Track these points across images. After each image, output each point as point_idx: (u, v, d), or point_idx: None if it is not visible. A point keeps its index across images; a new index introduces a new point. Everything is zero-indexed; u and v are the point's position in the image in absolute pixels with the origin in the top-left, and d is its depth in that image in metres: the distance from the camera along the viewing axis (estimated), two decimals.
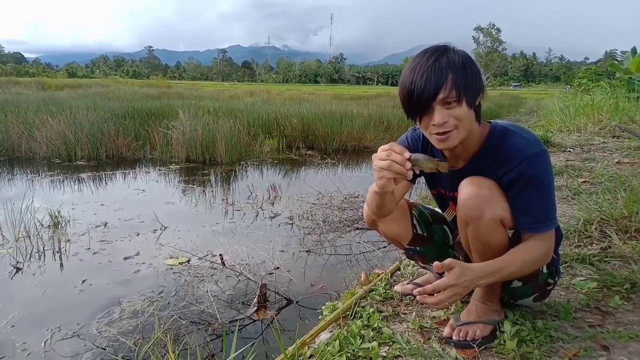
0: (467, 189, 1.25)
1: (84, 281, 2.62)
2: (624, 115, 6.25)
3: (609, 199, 2.51)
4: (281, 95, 18.24)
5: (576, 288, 1.73)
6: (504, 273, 1.23)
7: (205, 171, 6.09)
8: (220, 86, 40.77)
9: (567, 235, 2.21)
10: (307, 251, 3.12)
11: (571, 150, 4.72)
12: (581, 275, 1.84)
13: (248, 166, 6.52)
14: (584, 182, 3.23)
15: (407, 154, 1.17)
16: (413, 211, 1.61)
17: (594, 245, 2.09)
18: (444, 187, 1.47)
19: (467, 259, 1.42)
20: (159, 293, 2.47)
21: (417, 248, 1.61)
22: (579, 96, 9.00)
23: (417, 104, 1.18)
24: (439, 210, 1.62)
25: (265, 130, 8.39)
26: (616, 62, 9.28)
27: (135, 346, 1.87)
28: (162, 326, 1.99)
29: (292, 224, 3.74)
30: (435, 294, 1.18)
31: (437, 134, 1.20)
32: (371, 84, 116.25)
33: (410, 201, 1.64)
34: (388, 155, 1.18)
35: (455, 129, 1.18)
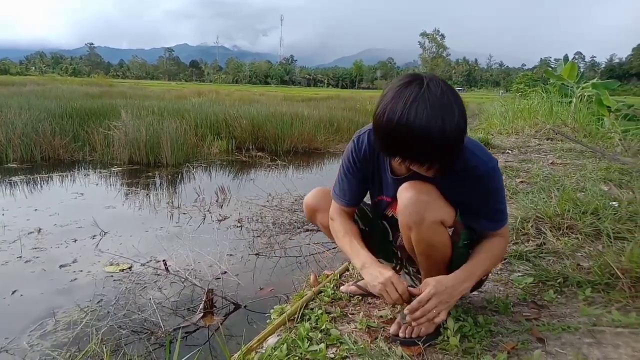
0: (407, 194, 1.26)
1: (14, 292, 2.44)
2: (557, 119, 6.65)
3: (543, 198, 2.65)
4: (231, 96, 17.95)
5: (514, 283, 1.80)
6: (480, 272, 1.34)
7: (150, 173, 5.86)
8: (167, 86, 39.53)
9: None
10: (256, 254, 3.07)
11: (510, 151, 4.96)
12: (519, 271, 1.92)
13: (195, 168, 6.35)
14: (522, 182, 3.39)
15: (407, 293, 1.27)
16: None
17: (531, 242, 2.19)
18: (388, 195, 1.45)
19: (410, 260, 1.45)
20: (97, 302, 2.34)
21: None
22: (517, 100, 9.51)
23: (420, 150, 1.08)
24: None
25: (213, 131, 8.21)
26: (550, 69, 9.86)
27: None
28: (99, 337, 1.88)
29: (241, 226, 3.68)
30: (419, 309, 1.24)
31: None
32: (322, 86, 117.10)
33: None
34: (396, 299, 1.28)
35: None
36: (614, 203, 2.42)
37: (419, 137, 1.04)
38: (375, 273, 1.31)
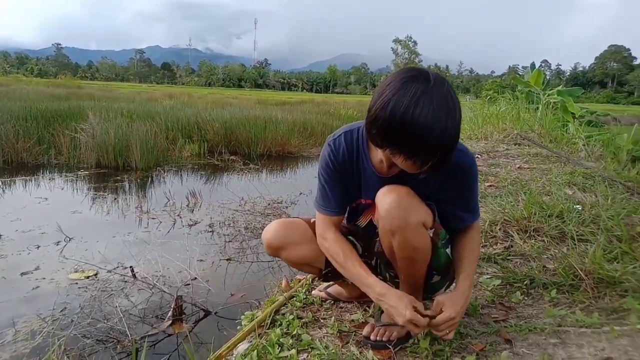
0: (388, 199, 1.24)
1: None
2: (524, 125, 6.83)
3: (511, 202, 2.71)
4: (203, 99, 17.75)
5: (483, 285, 1.83)
6: (473, 271, 1.39)
7: (118, 177, 5.71)
8: (138, 88, 38.72)
9: None
10: (227, 259, 3.03)
11: (479, 156, 5.07)
12: (487, 273, 1.95)
13: (166, 172, 6.23)
14: (490, 186, 3.46)
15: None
16: None
17: (499, 244, 2.24)
18: (368, 197, 1.41)
19: (388, 265, 1.44)
20: (60, 310, 2.26)
21: (333, 268, 1.53)
22: (486, 106, 9.74)
23: (419, 147, 1.06)
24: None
25: (185, 135, 8.08)
26: (518, 76, 10.15)
27: None
28: (61, 346, 1.81)
29: (212, 231, 3.62)
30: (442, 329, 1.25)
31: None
32: (296, 90, 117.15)
33: (312, 221, 1.56)
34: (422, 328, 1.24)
35: None
36: (577, 206, 2.50)
37: (422, 133, 1.02)
38: (399, 305, 1.24)
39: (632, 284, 1.53)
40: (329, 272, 1.59)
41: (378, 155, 1.27)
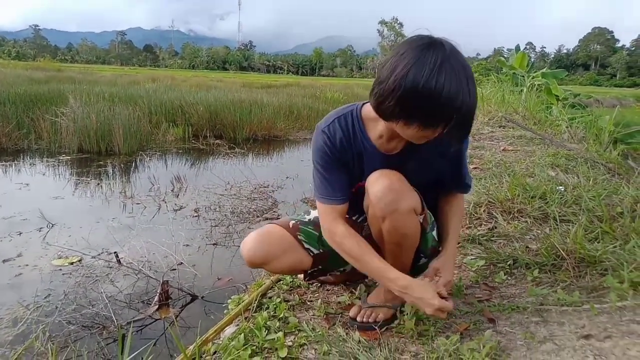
0: (379, 185, 1.24)
1: None
2: (509, 107, 6.88)
3: (495, 184, 2.74)
4: (187, 82, 17.43)
5: (467, 266, 1.86)
6: (459, 233, 1.52)
7: (101, 162, 5.61)
8: (120, 70, 37.84)
9: None
10: (213, 244, 3.01)
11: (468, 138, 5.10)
12: (471, 254, 1.98)
13: (150, 156, 6.15)
14: (475, 168, 3.49)
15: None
16: (299, 236, 1.50)
17: (483, 226, 2.27)
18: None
19: (376, 249, 1.45)
20: (44, 297, 2.23)
21: (319, 267, 1.57)
22: None
23: (441, 114, 1.05)
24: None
25: (168, 118, 7.93)
26: (502, 59, 10.17)
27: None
28: (46, 332, 1.79)
29: (198, 216, 3.59)
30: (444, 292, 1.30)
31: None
32: (281, 73, 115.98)
33: (290, 225, 1.52)
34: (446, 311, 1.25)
35: None
36: (560, 188, 2.54)
37: (445, 100, 1.01)
38: (426, 296, 1.24)
39: (611, 262, 1.56)
40: (314, 271, 1.59)
41: (377, 131, 1.27)
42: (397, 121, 1.10)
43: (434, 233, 1.45)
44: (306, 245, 1.51)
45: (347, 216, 1.49)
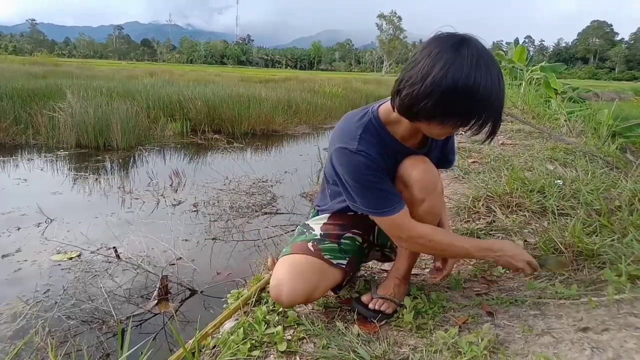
0: (419, 169, 1.31)
1: None
2: (507, 101, 6.87)
3: (494, 177, 2.74)
4: (185, 77, 17.37)
5: (466, 260, 1.86)
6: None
7: (99, 157, 5.60)
8: (117, 65, 37.65)
9: (457, 212, 2.38)
10: (212, 239, 3.01)
11: (462, 133, 5.10)
12: None
13: (148, 151, 6.13)
14: (474, 162, 3.50)
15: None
16: (325, 256, 1.43)
17: (481, 219, 2.27)
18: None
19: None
20: (44, 292, 2.23)
21: (351, 274, 1.54)
22: None
23: (478, 111, 1.07)
24: (326, 221, 1.52)
25: (167, 113, 7.90)
26: (501, 52, 10.15)
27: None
28: (46, 327, 1.80)
29: (197, 211, 3.59)
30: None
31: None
32: (280, 67, 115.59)
33: (312, 248, 1.43)
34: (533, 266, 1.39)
35: None
36: (558, 181, 2.54)
37: (482, 98, 1.04)
38: (519, 252, 1.38)
39: (609, 256, 1.57)
40: (345, 282, 1.55)
41: (400, 131, 1.30)
42: (429, 121, 1.12)
43: None
44: (335, 262, 1.44)
45: (350, 213, 1.47)
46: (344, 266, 1.45)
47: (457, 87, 1.01)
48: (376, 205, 1.28)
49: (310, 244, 1.45)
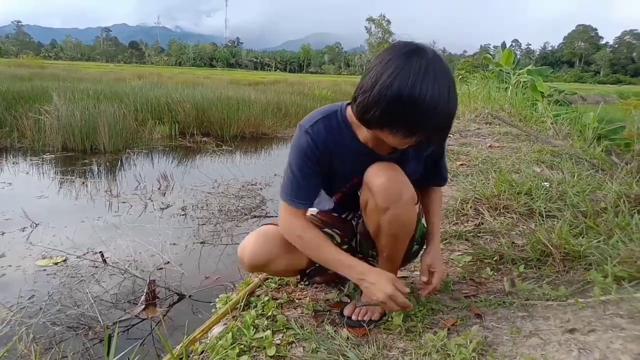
0: (383, 176, 1.23)
1: None
2: (495, 104, 6.94)
3: (482, 180, 2.76)
4: (173, 79, 17.27)
5: (454, 262, 1.87)
6: (440, 222, 1.57)
7: (86, 160, 5.54)
8: (105, 67, 37.32)
9: (446, 214, 2.39)
10: (201, 243, 2.99)
11: (451, 135, 5.12)
12: (458, 250, 1.99)
13: (136, 154, 6.08)
14: (462, 165, 3.52)
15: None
16: None
17: (469, 222, 2.28)
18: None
19: (371, 243, 1.44)
20: (28, 298, 2.19)
21: (316, 264, 1.50)
22: (458, 86, 9.83)
23: (423, 122, 1.04)
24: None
25: (155, 116, 7.84)
26: (489, 56, 10.25)
27: None
28: (29, 334, 1.76)
29: (185, 214, 3.56)
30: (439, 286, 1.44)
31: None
32: (269, 70, 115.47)
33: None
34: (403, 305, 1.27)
35: None
36: (545, 184, 2.56)
37: (427, 109, 1.01)
38: (380, 281, 1.25)
39: (596, 257, 1.58)
40: (311, 271, 1.54)
41: (364, 133, 1.26)
42: (381, 130, 1.10)
43: (423, 221, 1.48)
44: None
45: (336, 214, 1.51)
46: None
47: (403, 97, 1.00)
48: (285, 185, 1.33)
49: None
